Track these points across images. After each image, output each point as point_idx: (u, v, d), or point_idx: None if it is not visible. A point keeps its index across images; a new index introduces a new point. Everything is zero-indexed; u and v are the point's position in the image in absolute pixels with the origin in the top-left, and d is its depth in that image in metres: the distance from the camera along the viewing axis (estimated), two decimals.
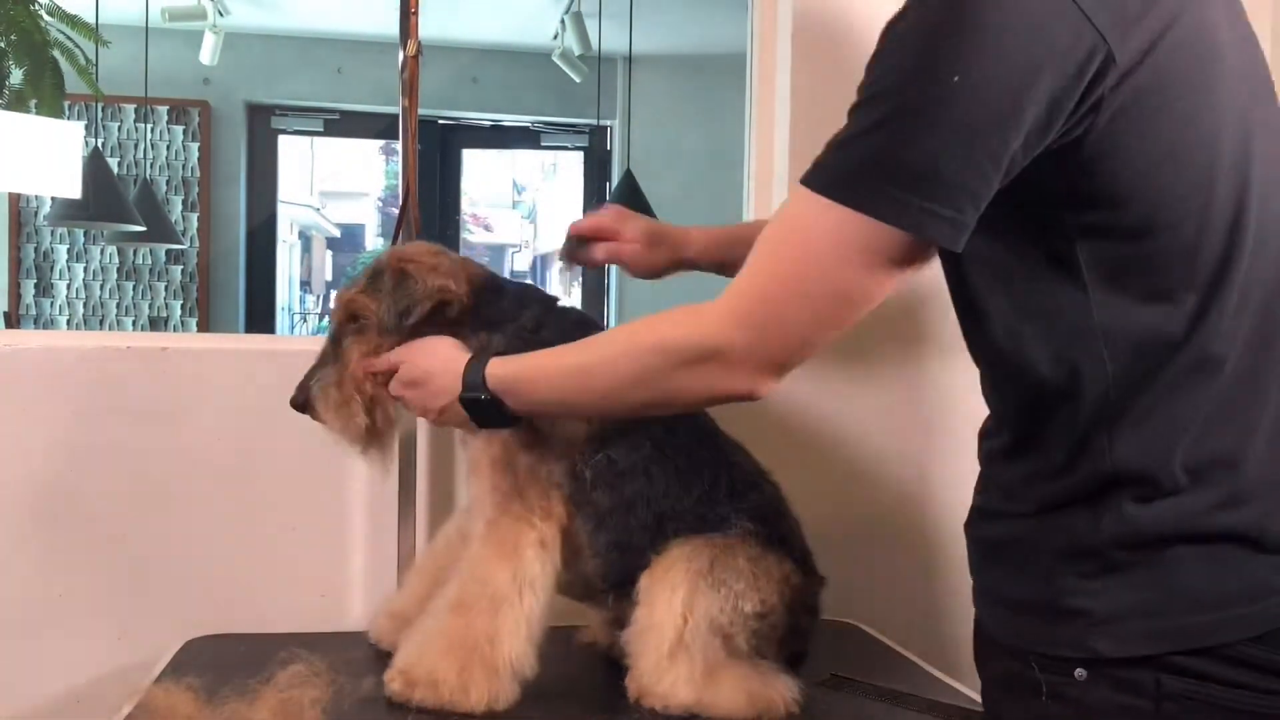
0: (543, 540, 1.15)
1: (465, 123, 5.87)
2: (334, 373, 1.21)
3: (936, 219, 0.84)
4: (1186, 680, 0.88)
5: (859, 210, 0.86)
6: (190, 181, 5.38)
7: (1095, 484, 0.92)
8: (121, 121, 5.30)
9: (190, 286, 5.38)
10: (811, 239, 0.90)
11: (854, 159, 0.87)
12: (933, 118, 0.83)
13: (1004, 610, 1.00)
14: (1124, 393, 0.90)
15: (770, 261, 0.93)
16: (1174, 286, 0.88)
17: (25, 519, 1.45)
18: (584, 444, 1.16)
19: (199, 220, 5.37)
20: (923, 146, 0.83)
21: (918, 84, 0.83)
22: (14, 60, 3.37)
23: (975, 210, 0.86)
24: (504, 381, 1.07)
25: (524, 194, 7.92)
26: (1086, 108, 0.84)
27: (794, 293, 0.91)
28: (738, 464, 1.21)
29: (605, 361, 1.02)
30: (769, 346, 0.94)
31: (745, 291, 0.94)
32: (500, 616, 1.12)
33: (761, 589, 1.12)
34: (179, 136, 5.36)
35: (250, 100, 5.54)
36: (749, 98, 1.77)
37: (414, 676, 1.12)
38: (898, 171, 0.84)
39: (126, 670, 1.46)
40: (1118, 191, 0.87)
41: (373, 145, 7.71)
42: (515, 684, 1.12)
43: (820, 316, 0.92)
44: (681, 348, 0.96)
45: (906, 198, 0.84)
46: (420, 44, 1.46)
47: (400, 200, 1.50)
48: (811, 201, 0.89)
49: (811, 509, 1.27)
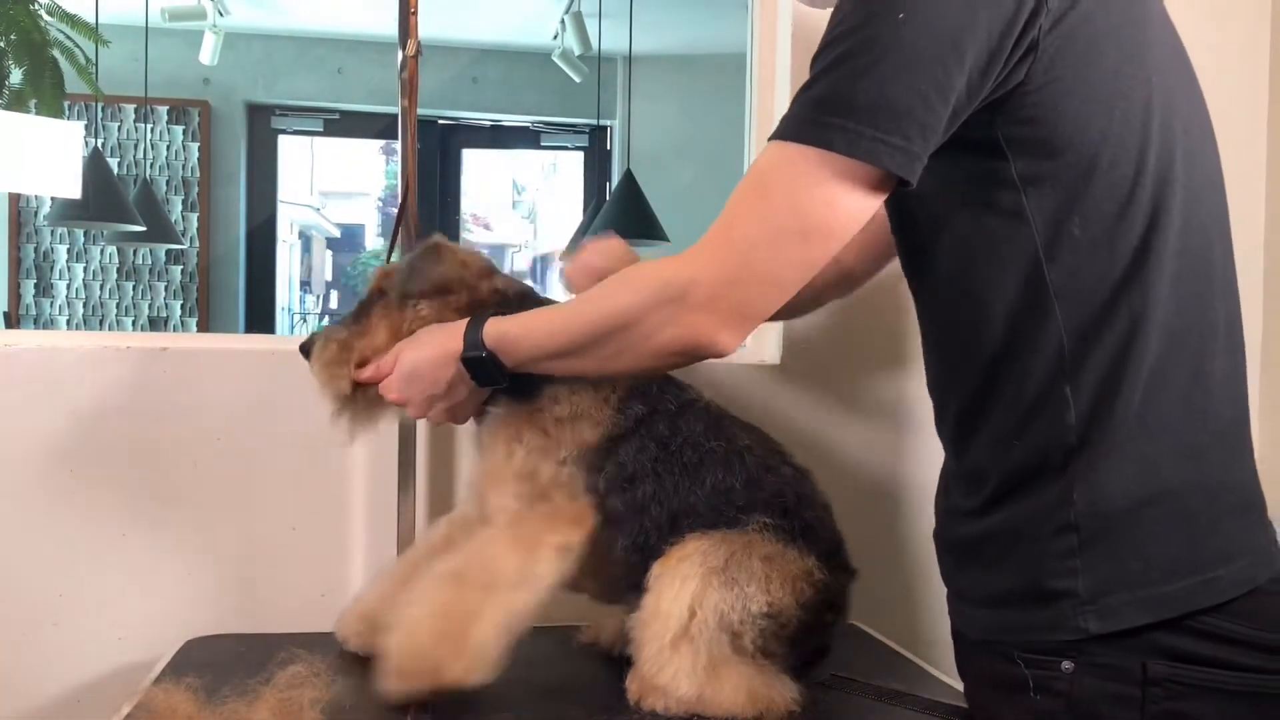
0: (566, 545, 1.14)
1: (465, 123, 5.87)
2: (344, 333, 1.23)
3: (889, 147, 0.88)
4: (1172, 665, 0.90)
5: (813, 145, 0.89)
6: (190, 181, 5.38)
7: (1060, 447, 0.93)
8: (121, 121, 5.30)
9: (190, 286, 5.38)
10: (771, 180, 0.93)
11: (809, 102, 0.91)
12: (880, 51, 0.87)
13: (984, 609, 1.01)
14: (1077, 343, 0.93)
15: (735, 206, 0.95)
16: (1113, 233, 0.92)
17: (25, 519, 1.45)
18: (595, 449, 1.16)
19: (199, 220, 5.37)
20: (872, 78, 0.87)
21: (868, 24, 0.88)
22: (14, 60, 3.36)
23: (924, 142, 0.89)
24: (498, 338, 1.10)
25: (524, 194, 7.92)
26: (1023, 49, 0.88)
27: (756, 232, 0.93)
28: (750, 448, 1.19)
29: (586, 306, 1.05)
30: (734, 289, 0.95)
31: (711, 236, 0.96)
32: (493, 601, 1.11)
33: (774, 590, 1.11)
34: (179, 136, 5.36)
35: (250, 100, 5.54)
36: (749, 98, 1.77)
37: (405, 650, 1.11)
38: (848, 105, 0.88)
39: (126, 670, 1.46)
40: (1058, 138, 0.91)
41: (373, 145, 7.70)
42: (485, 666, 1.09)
43: (783, 255, 0.93)
44: (652, 285, 0.98)
45: (858, 129, 0.88)
46: (420, 44, 1.46)
47: (400, 200, 1.50)
48: (773, 149, 0.93)
49: None
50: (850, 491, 1.63)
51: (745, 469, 1.17)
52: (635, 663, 1.13)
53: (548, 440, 1.17)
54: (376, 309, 1.24)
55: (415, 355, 1.16)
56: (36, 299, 5.25)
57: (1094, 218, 0.92)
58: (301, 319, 7.80)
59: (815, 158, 0.89)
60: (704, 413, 1.20)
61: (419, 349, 1.16)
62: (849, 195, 0.90)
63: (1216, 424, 0.95)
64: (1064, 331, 0.93)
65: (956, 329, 1.01)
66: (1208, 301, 0.96)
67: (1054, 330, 0.93)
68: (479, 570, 1.13)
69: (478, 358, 1.10)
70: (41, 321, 5.24)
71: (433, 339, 1.16)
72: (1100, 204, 0.92)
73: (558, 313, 1.08)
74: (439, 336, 1.15)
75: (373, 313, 1.24)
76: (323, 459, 1.52)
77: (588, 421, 1.17)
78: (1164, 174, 0.93)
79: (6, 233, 5.21)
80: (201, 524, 1.49)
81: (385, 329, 1.23)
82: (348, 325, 1.24)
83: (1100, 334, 0.92)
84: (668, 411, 1.18)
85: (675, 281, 0.96)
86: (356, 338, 1.23)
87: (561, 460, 1.16)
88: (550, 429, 1.17)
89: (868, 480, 1.66)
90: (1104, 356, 0.92)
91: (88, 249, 5.27)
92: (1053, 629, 0.93)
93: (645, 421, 1.17)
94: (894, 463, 1.66)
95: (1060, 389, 0.93)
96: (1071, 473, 0.93)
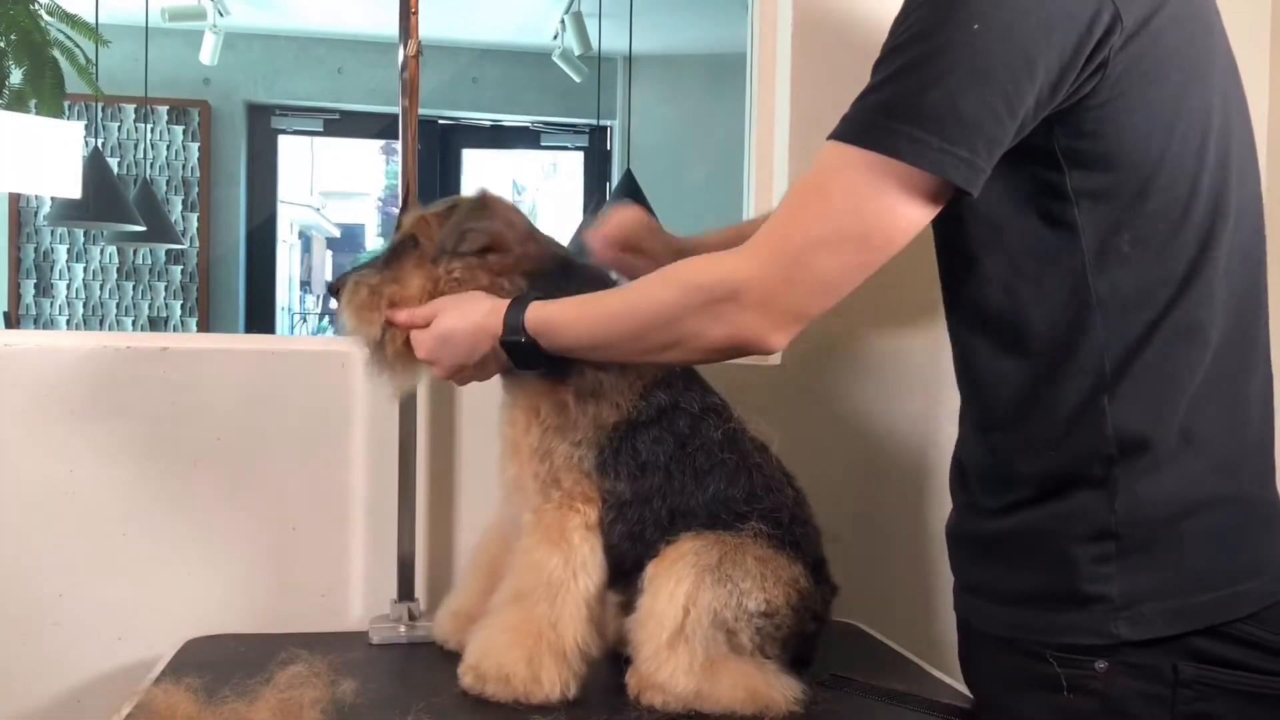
0: (587, 523, 1.16)
1: (465, 123, 5.87)
2: (375, 276, 1.21)
3: (955, 159, 0.87)
4: (1201, 666, 0.92)
5: (879, 151, 0.89)
6: (190, 181, 5.38)
7: (1098, 457, 0.94)
8: (121, 121, 5.30)
9: (190, 286, 5.38)
10: (833, 183, 0.92)
11: (876, 105, 0.90)
12: (953, 61, 0.86)
13: (1008, 606, 1.01)
14: (1120, 357, 0.93)
15: (794, 208, 0.95)
16: (1164, 252, 0.93)
17: (25, 519, 1.45)
18: (611, 432, 1.16)
19: (199, 220, 5.37)
20: (943, 89, 0.86)
21: (941, 32, 0.87)
22: (14, 60, 3.36)
23: (989, 157, 0.89)
24: (541, 324, 1.09)
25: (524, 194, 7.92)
26: (1094, 66, 0.87)
27: (815, 235, 0.93)
28: (759, 466, 1.19)
29: (634, 301, 1.04)
30: (789, 290, 0.95)
31: (768, 235, 0.96)
32: (559, 602, 1.13)
33: (768, 589, 1.12)
34: (179, 136, 5.36)
35: (250, 100, 5.54)
36: (749, 98, 1.77)
37: (484, 671, 1.14)
38: (917, 113, 0.87)
39: (126, 670, 1.46)
40: (1118, 154, 0.91)
41: (373, 145, 7.70)
42: (584, 666, 1.14)
43: (840, 260, 0.93)
44: (704, 284, 0.98)
45: (926, 138, 0.87)
46: (420, 44, 1.46)
47: (400, 200, 1.50)
48: (834, 150, 0.92)
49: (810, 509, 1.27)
50: (850, 491, 1.63)
51: (749, 483, 1.17)
52: (634, 662, 1.14)
53: (565, 419, 1.17)
54: (410, 258, 1.22)
55: (453, 324, 1.14)
56: (36, 299, 5.25)
57: (1145, 235, 0.92)
58: (301, 319, 7.80)
59: (878, 164, 0.89)
60: (724, 422, 1.19)
61: (459, 317, 1.15)
62: (910, 204, 0.90)
63: (1251, 440, 0.97)
64: (1105, 345, 0.93)
65: (997, 334, 1.01)
66: (1249, 320, 0.98)
67: (1095, 343, 0.94)
68: (534, 583, 1.15)
69: (516, 342, 1.10)
70: (41, 321, 5.24)
71: (474, 310, 1.14)
72: (1154, 222, 0.92)
73: (604, 304, 1.08)
74: (480, 310, 1.14)
75: (406, 261, 1.22)
76: (323, 459, 1.52)
77: (608, 404, 1.16)
78: (1219, 196, 0.94)
79: (6, 233, 5.21)
80: (201, 524, 1.49)
81: (418, 280, 1.21)
82: (379, 270, 1.22)
83: (1145, 350, 0.93)
84: (690, 410, 1.18)
85: (730, 280, 0.96)
86: (388, 283, 1.21)
87: (577, 441, 1.16)
88: (571, 407, 1.17)
89: (868, 480, 1.66)
90: (1148, 372, 0.93)
91: (88, 249, 5.27)
92: (1083, 632, 0.94)
93: (667, 413, 1.17)
94: (894, 463, 1.66)
95: (1099, 400, 0.94)
96: (1112, 481, 0.94)
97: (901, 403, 1.65)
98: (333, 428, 1.51)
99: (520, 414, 1.20)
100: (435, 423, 1.54)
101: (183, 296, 5.38)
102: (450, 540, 1.55)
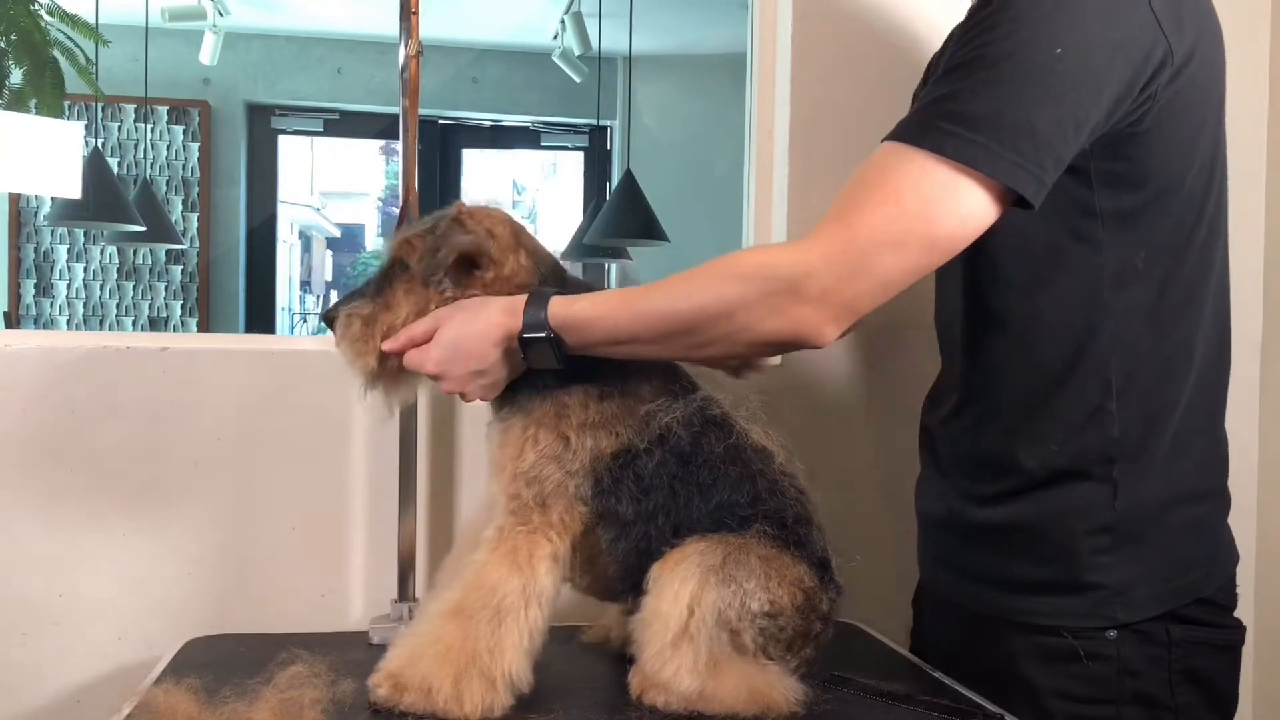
0: (556, 555, 1.13)
1: (465, 123, 5.87)
2: (367, 306, 1.18)
3: (1025, 173, 0.91)
4: (1185, 627, 1.06)
5: (957, 160, 0.91)
6: (190, 181, 5.38)
7: (1102, 457, 1.04)
8: (121, 121, 5.30)
9: (190, 286, 5.38)
10: (904, 185, 0.93)
11: (950, 114, 0.92)
12: (1034, 81, 0.90)
13: (1011, 593, 1.11)
14: (1127, 370, 1.03)
15: (859, 205, 0.95)
16: (1172, 270, 1.02)
17: (25, 519, 1.45)
18: (610, 458, 1.14)
19: (199, 220, 5.38)
20: (1022, 106, 0.90)
21: (1025, 51, 0.91)
22: (14, 60, 3.37)
23: (1055, 172, 0.93)
24: (567, 319, 1.05)
25: (524, 194, 7.93)
26: (1145, 97, 0.94)
27: (884, 235, 0.93)
28: (762, 472, 1.18)
29: (684, 294, 1.01)
30: (850, 285, 0.95)
31: (832, 231, 0.96)
32: (505, 628, 1.09)
33: (772, 589, 1.11)
34: (179, 136, 5.36)
35: (250, 100, 5.54)
36: (749, 98, 1.77)
37: (404, 681, 1.09)
38: (996, 127, 0.90)
39: (126, 670, 1.46)
40: (1146, 179, 0.98)
41: (373, 145, 7.71)
42: (511, 696, 1.09)
43: (904, 260, 0.94)
44: (762, 275, 0.97)
45: (1000, 150, 0.90)
46: (420, 44, 1.46)
47: (400, 200, 1.50)
48: (903, 152, 0.93)
49: None
50: (850, 491, 1.63)
51: (753, 488, 1.16)
52: (637, 660, 1.13)
53: (563, 447, 1.14)
54: (400, 283, 1.18)
55: (460, 330, 1.10)
56: (36, 299, 5.25)
57: (1158, 256, 1.01)
58: (301, 319, 7.80)
59: (949, 169, 0.91)
60: (726, 436, 1.17)
61: (464, 322, 1.10)
62: (978, 212, 0.93)
63: (1223, 439, 1.11)
64: (1114, 354, 1.02)
65: (1014, 335, 1.07)
66: (1227, 339, 1.10)
67: (1104, 352, 1.02)
68: (482, 603, 1.10)
69: (538, 339, 1.06)
70: (41, 321, 5.24)
71: (483, 311, 1.10)
72: (1166, 243, 1.01)
73: (641, 297, 1.04)
74: (491, 309, 1.10)
75: (396, 287, 1.18)
76: (323, 459, 1.52)
77: (608, 433, 1.14)
78: (1216, 224, 1.04)
79: (6, 233, 5.21)
80: (201, 524, 1.49)
81: (409, 305, 1.17)
82: (370, 298, 1.18)
83: (1150, 362, 1.02)
84: (692, 427, 1.15)
85: (789, 273, 0.95)
86: (381, 311, 1.17)
87: (573, 471, 1.13)
88: (570, 435, 1.14)
89: (868, 480, 1.66)
90: (1151, 383, 1.03)
91: (88, 249, 5.27)
92: (1086, 615, 1.06)
93: (668, 436, 1.14)
94: (894, 463, 1.65)
95: (1107, 405, 1.03)
96: (1115, 480, 1.04)
97: (902, 402, 1.65)
98: (333, 428, 1.51)
99: (515, 437, 1.16)
100: (435, 423, 1.54)
101: (183, 297, 5.38)
102: (450, 541, 1.55)
